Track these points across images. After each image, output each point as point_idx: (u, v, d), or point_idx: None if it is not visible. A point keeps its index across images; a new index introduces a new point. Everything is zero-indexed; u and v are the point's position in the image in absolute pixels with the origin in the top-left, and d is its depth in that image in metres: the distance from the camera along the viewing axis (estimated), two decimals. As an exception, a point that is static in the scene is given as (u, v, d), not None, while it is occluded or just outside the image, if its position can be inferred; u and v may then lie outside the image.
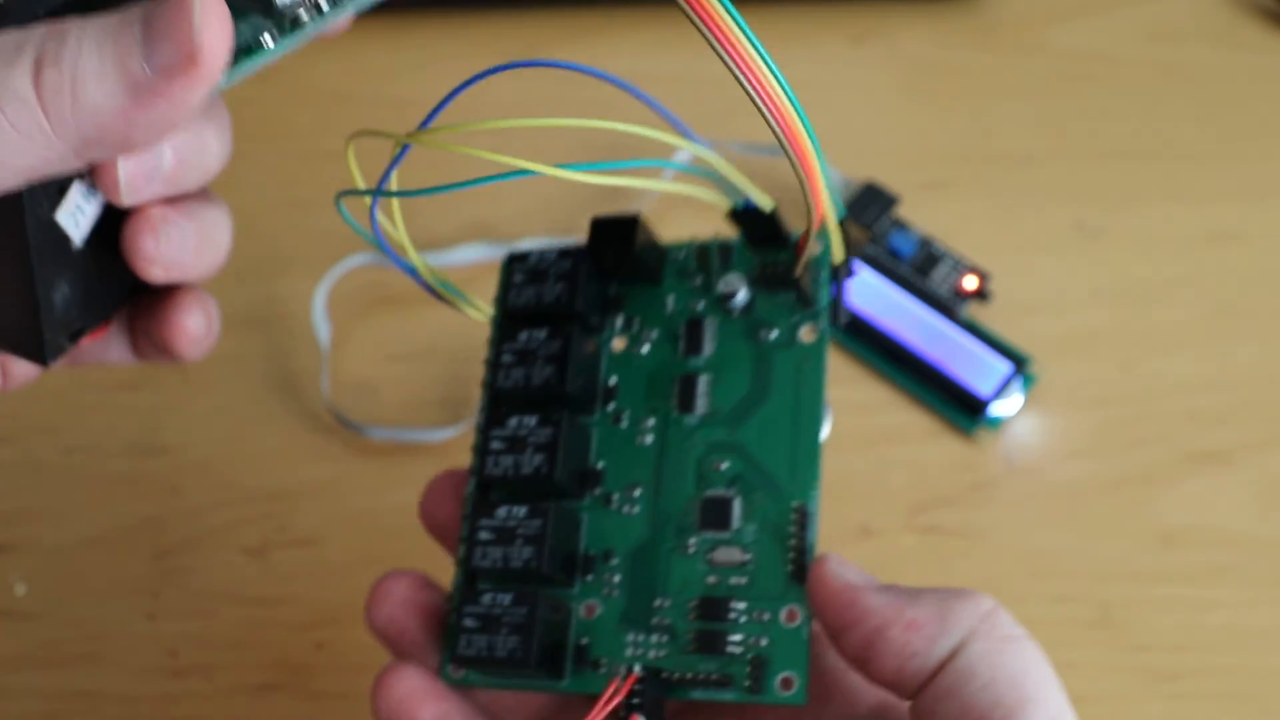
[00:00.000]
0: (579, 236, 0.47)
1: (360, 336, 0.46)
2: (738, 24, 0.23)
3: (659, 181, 0.27)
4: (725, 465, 0.29)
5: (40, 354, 0.27)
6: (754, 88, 0.23)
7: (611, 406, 0.30)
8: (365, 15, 0.25)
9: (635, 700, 0.26)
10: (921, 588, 0.26)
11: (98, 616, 0.41)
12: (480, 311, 0.31)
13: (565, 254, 0.30)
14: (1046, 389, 0.44)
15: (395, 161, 0.27)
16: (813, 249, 0.29)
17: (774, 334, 0.29)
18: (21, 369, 0.29)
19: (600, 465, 0.29)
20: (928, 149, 0.50)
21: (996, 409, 0.44)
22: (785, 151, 0.25)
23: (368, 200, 0.28)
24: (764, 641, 0.27)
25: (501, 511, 0.28)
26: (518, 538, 0.28)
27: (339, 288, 0.47)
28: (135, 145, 0.23)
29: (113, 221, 0.27)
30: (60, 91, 0.22)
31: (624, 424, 0.30)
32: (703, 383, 0.29)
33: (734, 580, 0.28)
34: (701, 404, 0.29)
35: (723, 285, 0.30)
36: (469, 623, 0.27)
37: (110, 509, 0.43)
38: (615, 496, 0.29)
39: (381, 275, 0.47)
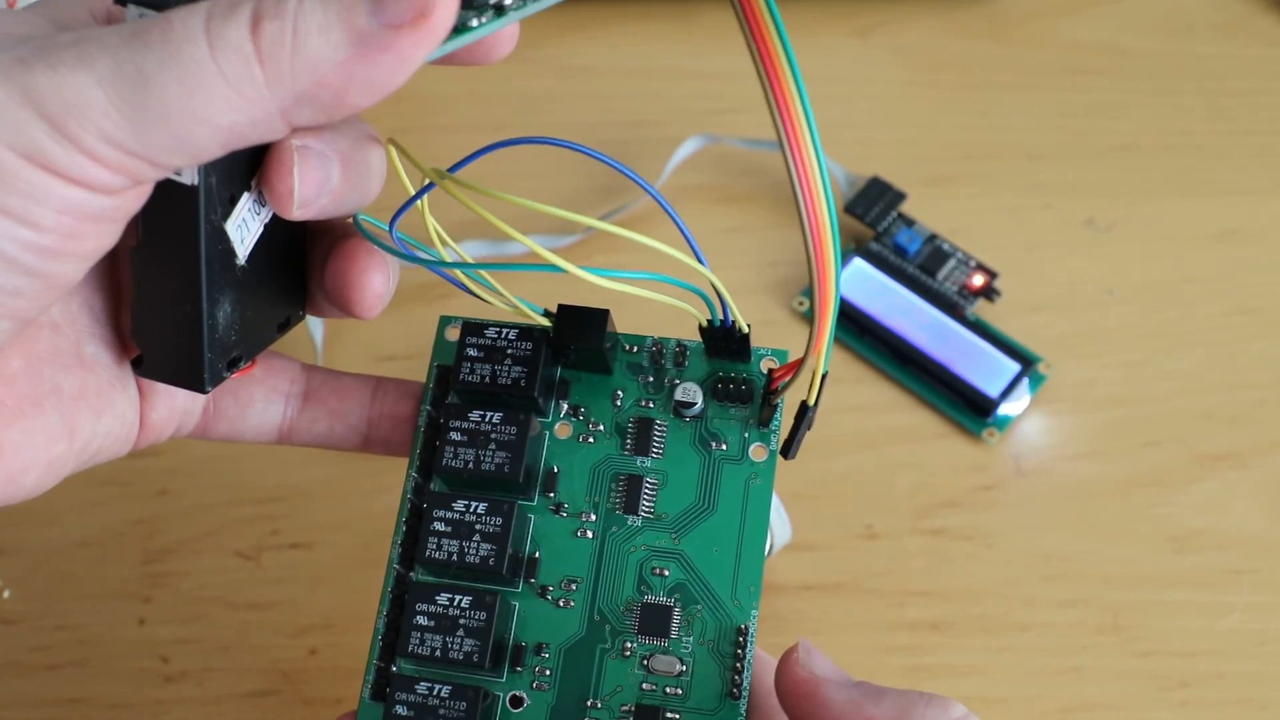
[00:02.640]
0: (580, 236, 0.46)
1: (352, 337, 0.46)
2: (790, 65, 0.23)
3: (649, 291, 0.27)
4: (668, 573, 0.29)
5: (199, 379, 0.26)
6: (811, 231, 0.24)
7: (552, 495, 0.29)
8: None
9: None
10: (891, 689, 0.25)
11: (87, 621, 0.41)
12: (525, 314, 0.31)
13: (525, 334, 0.29)
14: (1055, 389, 0.44)
15: (417, 195, 0.27)
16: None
17: (724, 447, 0.30)
18: (159, 415, 0.28)
19: (537, 554, 0.29)
20: (934, 144, 0.49)
21: (1004, 409, 0.43)
22: (811, 285, 0.25)
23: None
24: None
25: (443, 598, 0.28)
26: (460, 627, 0.27)
27: None
28: (348, 104, 0.22)
29: (270, 247, 0.26)
30: (280, 44, 0.21)
31: (564, 515, 0.29)
32: (648, 485, 0.29)
33: (669, 690, 0.28)
34: (646, 507, 0.29)
35: (681, 394, 0.30)
36: (402, 711, 0.27)
37: (100, 511, 0.42)
38: (551, 589, 0.29)
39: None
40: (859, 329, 0.45)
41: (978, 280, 0.45)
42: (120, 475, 0.43)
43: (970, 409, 0.43)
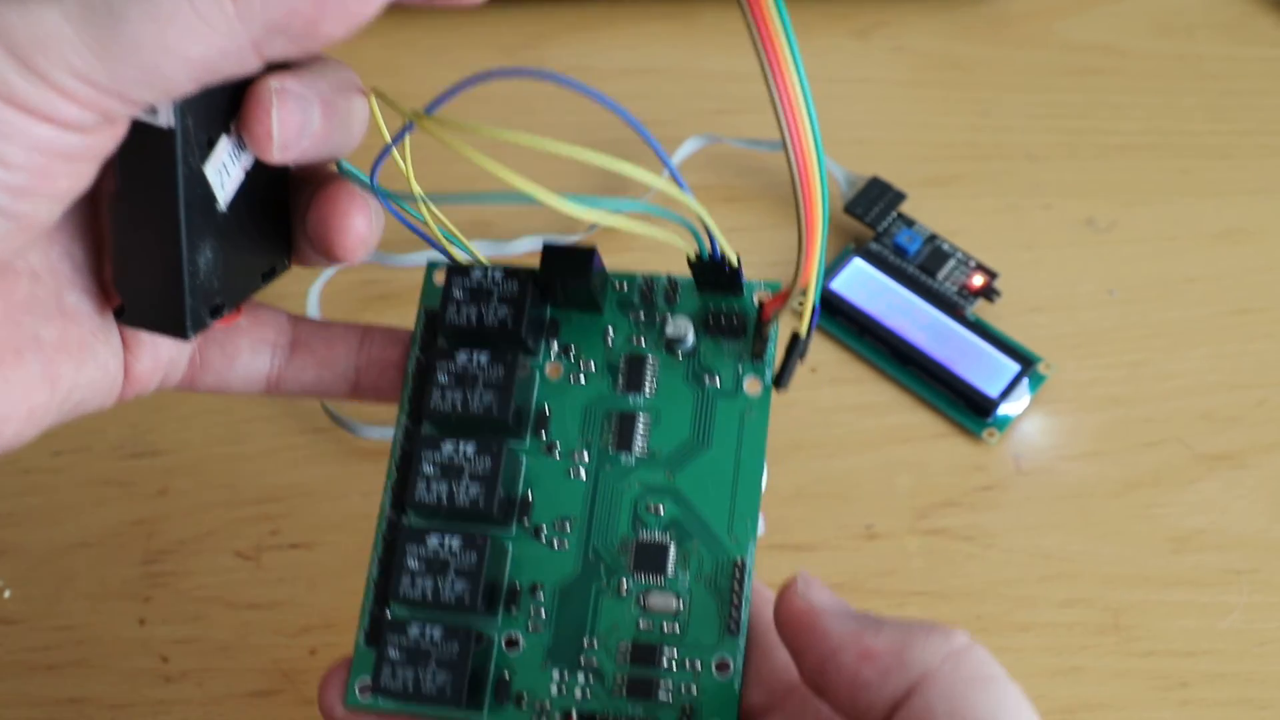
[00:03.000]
0: (580, 236, 0.46)
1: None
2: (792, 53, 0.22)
3: (637, 223, 0.26)
4: (662, 510, 0.28)
5: (181, 324, 0.25)
6: (786, 122, 0.23)
7: (544, 435, 0.29)
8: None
9: None
10: (892, 619, 0.25)
11: (87, 621, 0.40)
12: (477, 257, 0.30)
13: (511, 275, 0.29)
14: (1055, 389, 0.44)
15: (397, 137, 0.26)
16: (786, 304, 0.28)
17: (717, 382, 0.29)
18: (144, 366, 0.28)
19: (530, 495, 0.29)
20: (934, 144, 0.49)
21: (1004, 409, 0.43)
22: (795, 199, 0.24)
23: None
24: (694, 690, 0.27)
25: (434, 540, 0.27)
26: (451, 570, 0.27)
27: (333, 285, 0.46)
28: (321, 35, 0.22)
29: (252, 194, 0.26)
30: None
31: (556, 455, 0.29)
32: (642, 422, 0.29)
33: (666, 627, 0.28)
34: (639, 444, 0.29)
35: (671, 329, 0.29)
36: (394, 654, 0.27)
37: (100, 511, 0.42)
38: (544, 529, 0.29)
39: (375, 273, 0.46)
40: (859, 329, 0.45)
41: (977, 280, 0.45)
42: (120, 475, 0.43)
43: (970, 409, 0.43)
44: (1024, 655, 0.40)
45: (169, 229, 0.25)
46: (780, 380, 0.29)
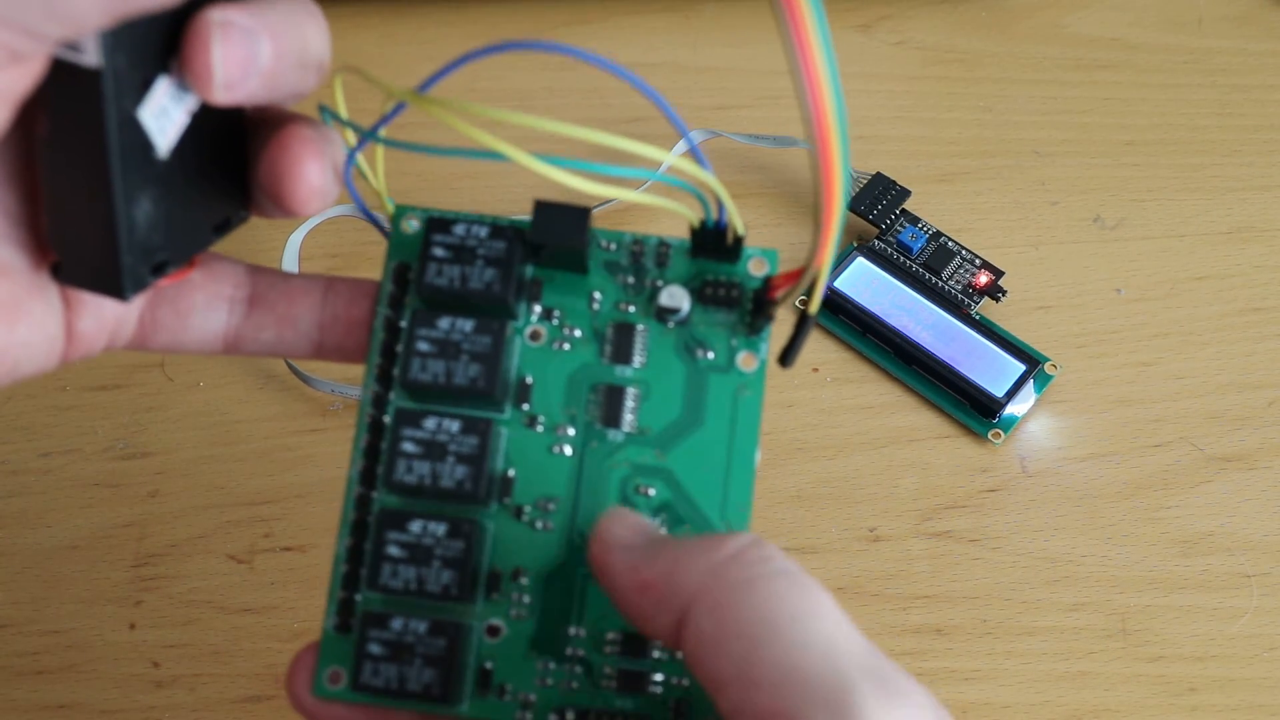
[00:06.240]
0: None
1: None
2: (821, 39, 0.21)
3: (639, 194, 0.25)
4: (653, 492, 0.27)
5: (117, 283, 0.23)
6: (814, 118, 0.21)
7: (526, 406, 0.27)
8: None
9: None
10: (673, 538, 0.23)
11: (76, 626, 0.40)
12: None
13: (497, 233, 0.27)
14: (1062, 389, 0.43)
15: (388, 117, 0.25)
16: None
17: (710, 355, 0.27)
18: (88, 325, 0.26)
19: (511, 472, 0.27)
20: (939, 140, 0.49)
21: (1010, 410, 0.42)
22: (815, 186, 0.23)
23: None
24: (686, 683, 0.26)
25: (416, 525, 0.26)
26: (435, 559, 0.26)
27: (320, 232, 0.46)
28: None
29: (200, 140, 0.24)
30: None
31: (539, 429, 0.27)
32: (630, 396, 0.27)
33: None
34: (628, 420, 0.27)
35: (667, 298, 0.27)
36: (375, 649, 0.25)
37: (89, 514, 0.42)
38: (527, 509, 0.27)
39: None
40: (862, 328, 0.44)
41: (983, 279, 0.44)
42: (110, 477, 0.42)
43: (975, 409, 0.43)
44: (1030, 660, 0.39)
45: (100, 179, 0.22)
46: (786, 358, 0.27)
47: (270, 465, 0.42)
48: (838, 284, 0.44)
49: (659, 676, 0.26)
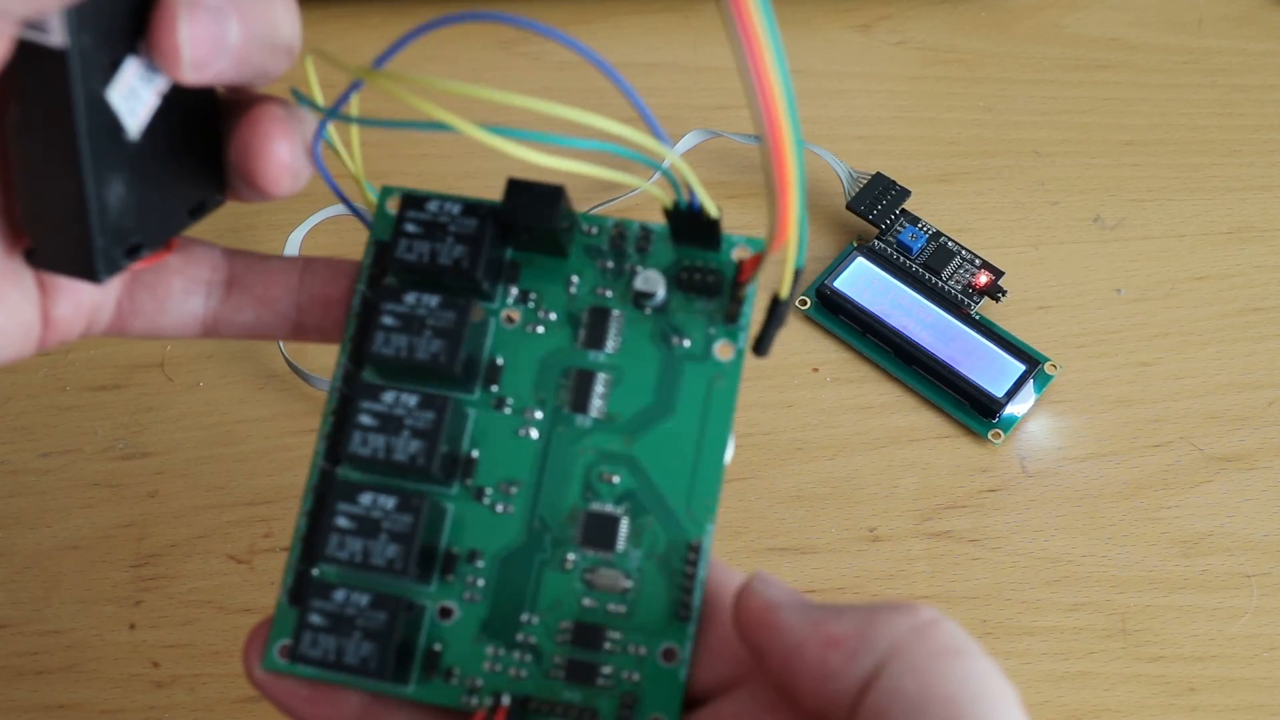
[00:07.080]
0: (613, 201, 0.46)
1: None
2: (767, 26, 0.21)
3: (607, 170, 0.24)
4: (617, 480, 0.26)
5: (90, 267, 0.23)
6: (753, 75, 0.21)
7: (494, 389, 0.27)
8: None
9: None
10: (852, 603, 0.23)
11: (76, 626, 0.40)
12: None
13: (470, 210, 0.26)
14: (1062, 389, 0.43)
15: (346, 94, 0.25)
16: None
17: (686, 343, 0.27)
18: (64, 311, 0.26)
19: (475, 453, 0.27)
20: (938, 140, 0.49)
21: (1010, 410, 0.42)
22: (763, 160, 0.22)
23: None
24: (637, 677, 0.25)
25: (366, 498, 0.25)
26: (383, 531, 0.25)
27: (324, 230, 0.45)
28: None
29: (173, 121, 0.24)
30: None
31: (506, 411, 0.27)
32: (601, 382, 0.27)
33: (612, 607, 0.26)
34: (597, 406, 0.27)
35: (641, 282, 0.27)
36: (315, 619, 0.25)
37: (89, 514, 0.42)
38: (488, 491, 0.26)
39: None
40: (862, 328, 0.44)
41: (983, 279, 0.44)
42: (110, 477, 0.42)
43: (975, 409, 0.43)
44: (1030, 660, 0.39)
45: (69, 161, 0.22)
46: (760, 346, 0.26)
47: (270, 465, 0.42)
48: (838, 284, 0.44)
49: (608, 669, 0.25)
